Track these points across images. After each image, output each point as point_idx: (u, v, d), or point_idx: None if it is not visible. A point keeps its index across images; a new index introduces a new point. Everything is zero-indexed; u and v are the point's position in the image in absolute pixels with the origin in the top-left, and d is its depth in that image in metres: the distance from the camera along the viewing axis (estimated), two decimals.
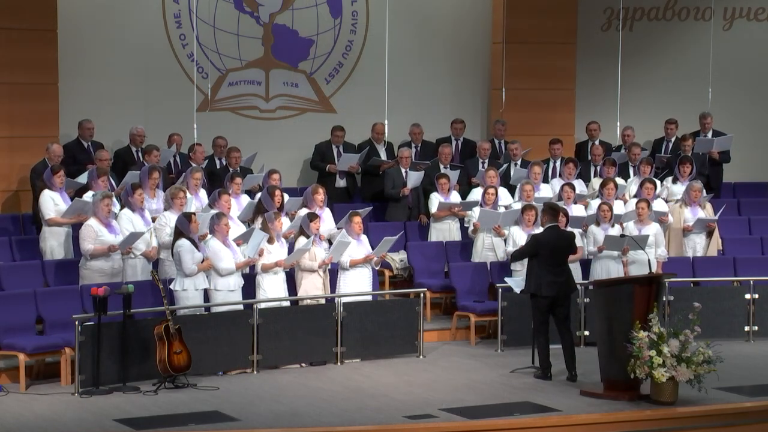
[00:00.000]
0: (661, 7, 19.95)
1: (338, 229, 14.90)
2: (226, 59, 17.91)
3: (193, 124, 17.29)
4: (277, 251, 13.90)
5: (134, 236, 13.66)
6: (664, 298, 14.73)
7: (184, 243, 13.21)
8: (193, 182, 15.00)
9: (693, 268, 16.16)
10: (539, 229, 15.20)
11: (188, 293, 13.26)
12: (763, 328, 15.53)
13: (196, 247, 13.29)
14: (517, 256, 14.04)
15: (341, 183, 17.48)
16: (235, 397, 12.32)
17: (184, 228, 13.29)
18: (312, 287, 14.09)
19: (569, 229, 14.81)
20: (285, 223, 14.49)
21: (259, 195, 15.00)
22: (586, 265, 15.55)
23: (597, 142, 18.20)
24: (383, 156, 17.71)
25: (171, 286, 13.26)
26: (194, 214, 13.59)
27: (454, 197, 16.52)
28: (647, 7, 19.88)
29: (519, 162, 17.44)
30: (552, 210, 13.64)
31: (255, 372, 13.43)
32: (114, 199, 14.16)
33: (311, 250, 14.02)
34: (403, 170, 17.02)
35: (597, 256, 15.42)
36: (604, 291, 12.67)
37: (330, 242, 14.65)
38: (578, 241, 15.40)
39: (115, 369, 12.52)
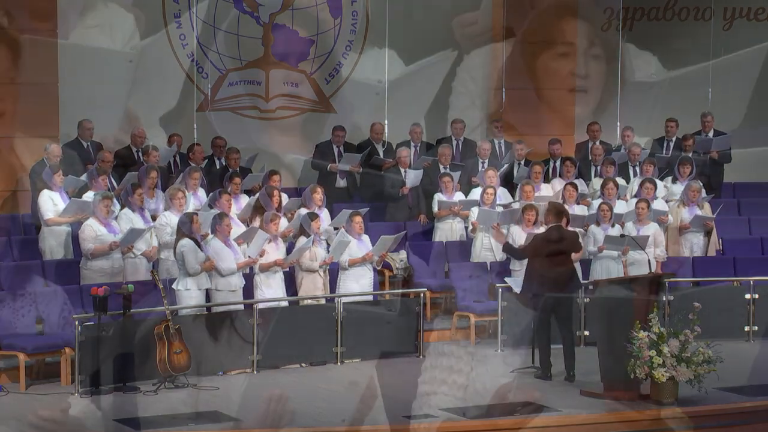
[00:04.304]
0: (661, 7, 19.93)
1: (335, 228, 14.90)
2: (226, 59, 17.90)
3: (193, 124, 17.28)
4: (273, 251, 13.89)
5: (135, 233, 13.66)
6: (664, 298, 14.73)
7: (187, 243, 13.20)
8: (191, 182, 15.00)
9: (693, 268, 16.15)
10: (541, 229, 15.22)
11: (191, 293, 13.25)
12: (763, 328, 15.51)
13: (199, 246, 13.29)
14: (517, 254, 14.03)
15: (341, 183, 17.45)
16: (235, 397, 12.30)
17: (185, 228, 13.28)
18: (312, 287, 14.08)
19: (570, 228, 14.80)
20: (283, 223, 14.48)
21: (258, 194, 14.99)
22: (586, 265, 15.54)
23: (597, 143, 18.18)
24: (381, 156, 17.68)
25: (174, 286, 13.26)
26: (196, 214, 13.59)
27: (458, 197, 16.51)
28: (647, 7, 19.86)
29: (523, 162, 17.42)
30: (557, 210, 13.59)
31: (255, 372, 13.43)
32: (114, 199, 14.16)
33: (312, 249, 14.02)
34: (402, 170, 17.01)
35: (597, 256, 15.41)
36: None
37: (329, 243, 14.64)
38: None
39: (115, 369, 12.51)
